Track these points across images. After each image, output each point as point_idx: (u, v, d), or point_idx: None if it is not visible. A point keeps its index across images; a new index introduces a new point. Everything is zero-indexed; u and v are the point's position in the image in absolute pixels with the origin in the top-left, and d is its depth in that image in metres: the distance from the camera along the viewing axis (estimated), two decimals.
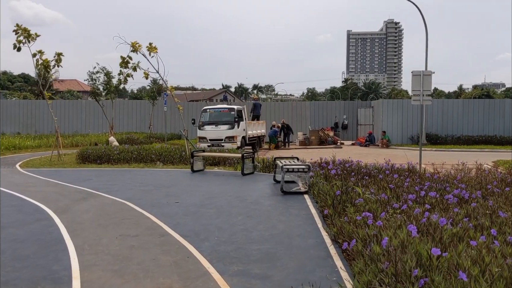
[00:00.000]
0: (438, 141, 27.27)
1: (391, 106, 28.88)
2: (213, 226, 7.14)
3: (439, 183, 8.69)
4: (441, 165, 12.92)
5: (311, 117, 33.04)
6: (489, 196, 7.61)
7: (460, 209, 6.37)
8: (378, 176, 9.89)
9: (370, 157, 19.92)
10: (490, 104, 28.94)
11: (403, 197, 7.10)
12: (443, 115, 28.45)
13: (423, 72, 13.98)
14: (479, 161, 16.88)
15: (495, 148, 25.10)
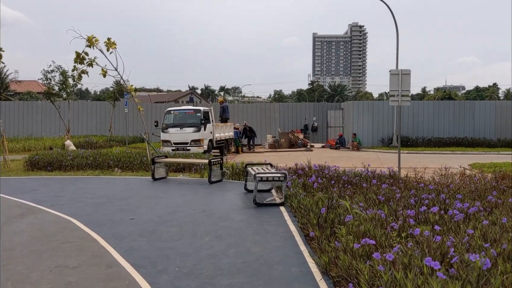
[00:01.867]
0: (409, 143, 26.73)
1: (361, 108, 28.18)
2: (174, 251, 5.87)
3: (429, 193, 7.72)
4: (423, 170, 12.07)
5: (281, 119, 32.03)
6: (493, 209, 6.67)
7: (471, 227, 5.35)
8: (361, 184, 8.84)
9: (342, 160, 19.04)
10: (460, 106, 28.65)
11: (399, 213, 6.03)
12: (414, 117, 27.96)
13: (402, 71, 13.11)
14: (454, 163, 16.27)
15: (466, 150, 24.71)
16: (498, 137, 27.46)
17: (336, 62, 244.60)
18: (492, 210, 6.60)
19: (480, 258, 3.62)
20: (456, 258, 3.76)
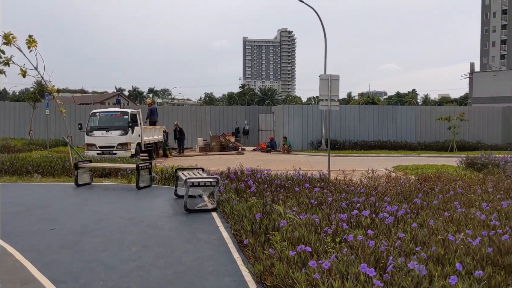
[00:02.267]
0: (336, 146, 27.45)
1: (291, 112, 28.59)
2: (98, 263, 5.47)
3: (360, 196, 7.85)
4: (352, 173, 12.37)
5: (212, 122, 31.75)
6: (420, 211, 6.88)
7: (401, 230, 5.45)
8: (294, 188, 8.83)
9: (274, 163, 19.13)
10: (383, 111, 29.89)
11: (332, 217, 6.03)
12: (341, 121, 28.77)
13: (331, 76, 13.37)
14: (379, 166, 16.90)
15: (390, 153, 25.77)
16: (418, 140, 28.93)
17: (266, 66, 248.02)
18: (419, 212, 6.80)
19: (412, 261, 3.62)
20: (391, 266, 3.75)
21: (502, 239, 4.82)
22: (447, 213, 6.59)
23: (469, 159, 15.69)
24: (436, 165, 17.52)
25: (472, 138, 29.48)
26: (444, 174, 12.06)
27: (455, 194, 8.47)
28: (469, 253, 4.57)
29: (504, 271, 4.20)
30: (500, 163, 14.05)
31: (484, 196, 8.37)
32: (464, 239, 5.01)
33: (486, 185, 9.64)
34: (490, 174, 12.49)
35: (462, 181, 10.44)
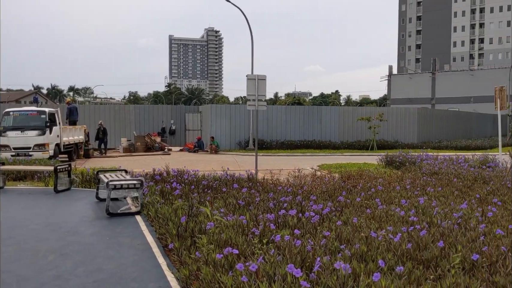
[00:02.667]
0: (264, 146, 27.72)
1: (219, 111, 28.47)
2: (11, 274, 5.05)
3: (287, 195, 7.93)
4: (279, 172, 12.50)
5: (136, 121, 30.83)
6: (344, 208, 7.05)
7: (326, 229, 5.54)
8: (221, 189, 8.74)
9: (201, 164, 18.93)
10: (309, 111, 30.62)
11: (260, 217, 6.00)
12: (268, 120, 29.09)
13: (258, 77, 13.43)
14: (305, 165, 17.28)
15: (315, 152, 26.44)
16: (341, 139, 29.94)
17: (193, 65, 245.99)
18: (343, 210, 6.97)
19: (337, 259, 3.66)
20: (318, 266, 3.77)
21: (420, 235, 5.04)
22: (369, 210, 6.81)
23: (388, 158, 16.43)
24: (358, 163, 18.19)
25: (391, 137, 31.00)
26: (365, 172, 12.53)
27: (376, 192, 8.81)
28: (390, 249, 4.73)
29: (422, 266, 4.37)
30: (416, 161, 14.84)
31: (403, 192, 8.77)
32: (386, 235, 5.18)
33: (404, 182, 10.12)
34: (407, 171, 13.15)
35: (382, 179, 10.89)
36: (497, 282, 3.89)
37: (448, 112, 39.13)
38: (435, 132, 34.53)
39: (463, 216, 6.34)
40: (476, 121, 42.51)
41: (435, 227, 5.65)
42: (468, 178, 10.83)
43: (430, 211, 6.70)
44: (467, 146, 30.31)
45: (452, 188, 9.22)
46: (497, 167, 13.03)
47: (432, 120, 34.63)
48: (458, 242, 4.92)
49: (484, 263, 4.39)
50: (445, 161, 14.24)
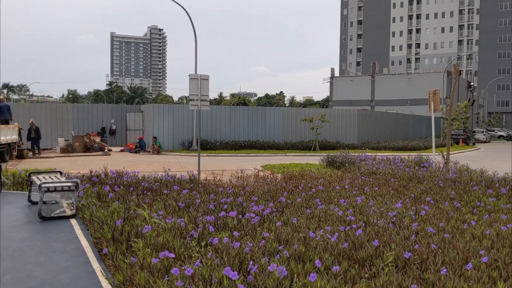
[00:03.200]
0: (208, 146, 27.56)
1: (161, 111, 27.98)
2: None
3: (228, 196, 7.88)
4: (221, 173, 12.44)
5: (75, 121, 29.70)
6: (284, 209, 7.10)
7: (266, 230, 5.54)
8: (162, 191, 8.55)
9: (143, 164, 18.52)
10: (253, 111, 30.75)
11: (199, 220, 5.91)
12: (212, 121, 28.94)
13: (201, 76, 13.30)
14: (249, 165, 17.33)
15: (259, 153, 26.59)
16: (285, 140, 30.30)
17: (135, 63, 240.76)
18: (284, 210, 7.01)
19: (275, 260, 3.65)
20: (254, 268, 3.74)
21: (357, 234, 5.15)
22: (309, 210, 6.89)
23: (329, 158, 16.77)
24: (301, 163, 18.46)
25: (333, 138, 31.74)
26: (307, 173, 12.71)
27: (317, 192, 8.95)
28: (328, 249, 4.79)
29: (358, 265, 4.46)
30: (355, 161, 15.25)
31: (342, 192, 8.97)
32: (324, 235, 5.25)
33: (344, 182, 10.36)
34: (347, 171, 13.48)
35: (323, 179, 11.09)
36: (427, 279, 4.03)
37: (386, 114, 40.59)
38: (374, 133, 35.72)
39: (397, 215, 6.56)
40: (412, 123, 44.37)
41: (371, 226, 5.80)
42: (403, 177, 11.23)
43: (367, 211, 6.88)
44: (403, 146, 31.54)
45: (389, 188, 9.52)
46: (431, 167, 13.62)
47: (371, 122, 35.81)
48: (392, 240, 5.06)
49: (416, 260, 4.54)
50: (382, 162, 14.71)
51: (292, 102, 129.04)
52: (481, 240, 5.26)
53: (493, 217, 6.67)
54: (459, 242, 5.10)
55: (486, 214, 6.88)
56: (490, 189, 9.13)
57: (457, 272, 4.21)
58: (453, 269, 4.31)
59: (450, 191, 8.86)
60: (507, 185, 9.51)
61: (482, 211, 7.21)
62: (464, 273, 4.15)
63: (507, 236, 5.32)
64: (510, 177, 10.41)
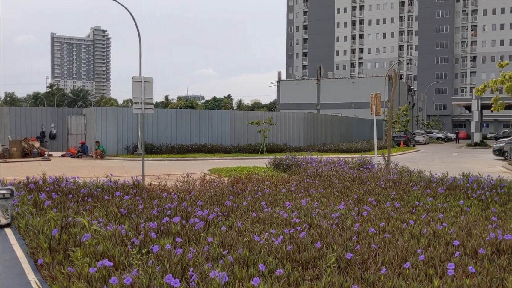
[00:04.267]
0: (153, 150, 27.05)
1: (104, 115, 27.19)
2: None
3: (172, 201, 7.74)
4: (167, 177, 12.22)
5: (12, 125, 28.30)
6: (230, 213, 7.05)
7: (211, 235, 5.47)
8: (103, 197, 8.28)
9: (85, 170, 17.92)
10: (200, 114, 30.51)
11: (141, 226, 5.75)
12: (158, 124, 28.46)
13: (144, 79, 13.04)
14: (196, 169, 17.14)
15: (206, 156, 26.40)
16: (232, 143, 30.28)
17: (78, 65, 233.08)
18: (229, 215, 6.97)
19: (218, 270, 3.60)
20: (195, 275, 3.67)
21: (300, 236, 5.18)
22: (255, 214, 6.89)
23: (276, 161, 16.90)
24: (248, 167, 18.47)
25: (280, 140, 32.04)
26: (254, 176, 12.73)
27: (263, 195, 8.96)
28: (272, 252, 4.79)
29: (301, 267, 4.49)
30: (301, 163, 15.45)
31: (288, 195, 9.03)
32: (268, 238, 5.25)
33: (290, 185, 10.45)
34: (293, 174, 13.62)
35: (270, 182, 11.14)
36: (367, 279, 4.11)
37: (332, 117, 41.50)
38: (320, 135, 36.42)
39: (340, 216, 6.67)
40: (356, 125, 45.63)
41: (314, 228, 5.86)
42: (347, 179, 11.48)
43: (311, 212, 6.96)
44: (348, 148, 32.34)
45: (333, 189, 9.69)
46: (373, 168, 14.02)
47: (317, 124, 36.49)
48: (334, 242, 5.14)
49: (358, 260, 4.63)
50: (328, 164, 14.99)
51: (240, 105, 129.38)
52: (419, 239, 5.44)
53: (431, 216, 6.93)
54: (398, 241, 5.25)
55: (424, 214, 7.14)
56: (429, 189, 9.50)
57: (396, 271, 4.33)
58: (392, 268, 4.43)
59: (391, 192, 9.14)
60: (444, 185, 9.93)
61: (421, 211, 7.48)
62: (403, 271, 4.27)
63: (443, 234, 5.53)
64: (446, 177, 10.88)
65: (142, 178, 12.20)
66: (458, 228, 5.95)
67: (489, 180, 9.94)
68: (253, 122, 29.28)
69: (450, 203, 8.12)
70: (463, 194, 8.86)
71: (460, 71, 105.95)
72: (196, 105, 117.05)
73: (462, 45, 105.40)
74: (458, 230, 5.79)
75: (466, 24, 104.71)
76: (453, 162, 25.53)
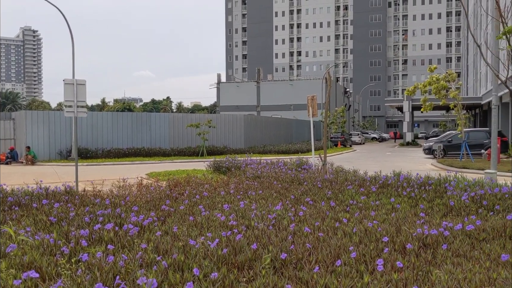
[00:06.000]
0: (88, 155, 26.19)
1: (35, 118, 25.95)
2: None
3: (106, 208, 7.51)
4: (101, 183, 11.84)
5: None
6: (167, 218, 6.94)
7: (145, 240, 5.35)
8: (32, 205, 7.88)
9: (14, 177, 17.01)
10: (138, 117, 29.86)
11: (72, 234, 5.52)
12: (93, 128, 27.56)
13: (77, 81, 12.59)
14: (133, 174, 16.74)
15: (144, 160, 25.87)
16: (171, 146, 29.87)
17: (7, 67, 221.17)
18: (166, 219, 6.85)
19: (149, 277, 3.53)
20: (123, 284, 3.57)
21: (237, 239, 5.18)
22: (192, 218, 6.81)
23: (216, 163, 16.84)
24: (187, 170, 18.29)
25: (220, 143, 31.99)
26: (193, 179, 12.60)
27: (202, 198, 8.89)
28: (207, 255, 4.75)
29: (237, 269, 4.49)
30: (241, 165, 15.49)
31: (227, 197, 9.01)
32: (205, 242, 5.20)
33: (229, 187, 10.43)
34: (233, 176, 13.62)
35: (209, 185, 11.06)
36: (301, 278, 4.18)
37: (271, 118, 41.98)
38: (260, 137, 36.74)
39: (277, 217, 6.74)
40: (296, 127, 46.46)
41: (251, 230, 5.89)
42: (286, 180, 11.63)
43: (249, 214, 6.99)
44: (287, 150, 32.85)
45: (272, 191, 9.78)
46: (311, 169, 14.31)
47: (257, 126, 36.78)
48: (270, 242, 5.18)
49: (293, 260, 4.69)
50: (267, 165, 15.12)
51: (180, 107, 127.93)
52: (352, 236, 5.60)
53: (363, 214, 7.17)
54: (332, 240, 5.38)
55: (357, 212, 7.37)
56: (362, 187, 9.82)
57: (329, 269, 4.43)
58: (325, 266, 4.53)
59: (327, 191, 9.36)
60: (377, 184, 10.31)
61: (354, 209, 7.71)
62: (335, 269, 4.37)
63: (374, 231, 5.73)
64: (379, 176, 11.29)
65: (76, 184, 11.76)
66: (389, 225, 6.18)
67: (418, 178, 10.42)
68: (192, 124, 29.03)
69: (382, 200, 8.43)
70: (394, 192, 9.23)
71: (392, 74, 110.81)
72: (134, 107, 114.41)
73: (394, 49, 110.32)
74: (388, 226, 6.02)
75: (397, 28, 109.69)
76: (387, 161, 26.60)
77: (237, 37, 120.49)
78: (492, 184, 9.28)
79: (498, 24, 9.23)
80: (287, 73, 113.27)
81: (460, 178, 10.09)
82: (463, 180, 9.85)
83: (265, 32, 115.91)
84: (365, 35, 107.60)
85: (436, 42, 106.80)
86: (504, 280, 4.05)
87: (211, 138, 30.82)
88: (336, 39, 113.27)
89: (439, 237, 5.44)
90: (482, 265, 4.56)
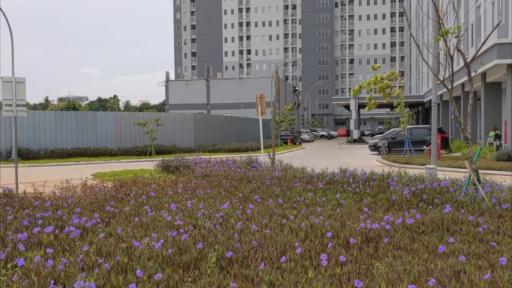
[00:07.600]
0: (30, 155, 25.15)
1: None
2: None
3: (46, 210, 7.22)
4: (43, 184, 11.40)
5: None
6: (111, 219, 6.75)
7: (88, 243, 5.18)
8: None
9: None
10: (82, 116, 28.93)
11: (9, 239, 5.27)
12: (35, 128, 26.47)
13: (16, 79, 12.04)
14: (78, 175, 16.20)
15: (90, 160, 25.13)
16: (118, 146, 29.16)
17: None
18: (110, 221, 6.67)
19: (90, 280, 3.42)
20: None
21: (182, 239, 5.12)
22: (138, 219, 6.68)
23: (164, 163, 16.59)
24: (134, 170, 17.93)
25: (169, 142, 31.56)
26: (140, 179, 12.35)
27: (148, 198, 8.73)
28: (152, 256, 4.67)
29: (182, 269, 4.44)
30: (190, 164, 15.34)
31: (174, 197, 8.89)
32: (149, 243, 5.11)
33: (177, 187, 10.30)
34: (181, 175, 13.47)
35: (156, 185, 10.88)
36: (247, 275, 4.18)
37: (221, 117, 41.85)
38: (210, 136, 36.55)
39: (224, 215, 6.73)
40: (246, 125, 46.55)
41: (198, 229, 5.84)
42: (235, 178, 11.62)
43: (196, 214, 6.93)
44: (237, 148, 32.89)
45: (220, 189, 9.75)
46: (260, 167, 14.38)
47: (207, 125, 36.56)
48: (217, 241, 5.16)
49: (239, 258, 4.69)
50: (216, 164, 15.05)
51: (128, 106, 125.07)
52: (298, 233, 5.67)
53: (310, 210, 7.28)
54: (278, 236, 5.43)
55: (304, 208, 7.47)
56: (310, 184, 9.97)
57: (274, 265, 4.46)
58: (271, 263, 4.55)
59: (276, 189, 9.43)
60: (324, 180, 10.50)
61: (302, 206, 7.81)
62: (281, 265, 4.41)
63: (319, 227, 5.83)
64: (326, 173, 11.51)
65: (16, 186, 11.25)
66: (334, 220, 6.31)
67: (363, 174, 10.70)
68: (139, 123, 28.41)
69: (329, 197, 8.59)
70: (340, 188, 9.43)
71: (340, 73, 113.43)
72: (80, 106, 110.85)
73: (341, 48, 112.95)
74: (333, 222, 6.14)
75: (344, 28, 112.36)
76: (335, 158, 27.19)
77: (185, 35, 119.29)
78: (432, 178, 9.67)
79: (437, 26, 9.61)
80: (237, 71, 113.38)
81: (402, 173, 10.45)
82: (405, 175, 10.21)
83: (214, 30, 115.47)
84: (313, 35, 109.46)
85: (381, 42, 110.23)
86: (441, 270, 4.23)
87: (160, 137, 30.35)
88: (285, 38, 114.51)
89: (381, 231, 5.61)
90: (421, 257, 4.74)
